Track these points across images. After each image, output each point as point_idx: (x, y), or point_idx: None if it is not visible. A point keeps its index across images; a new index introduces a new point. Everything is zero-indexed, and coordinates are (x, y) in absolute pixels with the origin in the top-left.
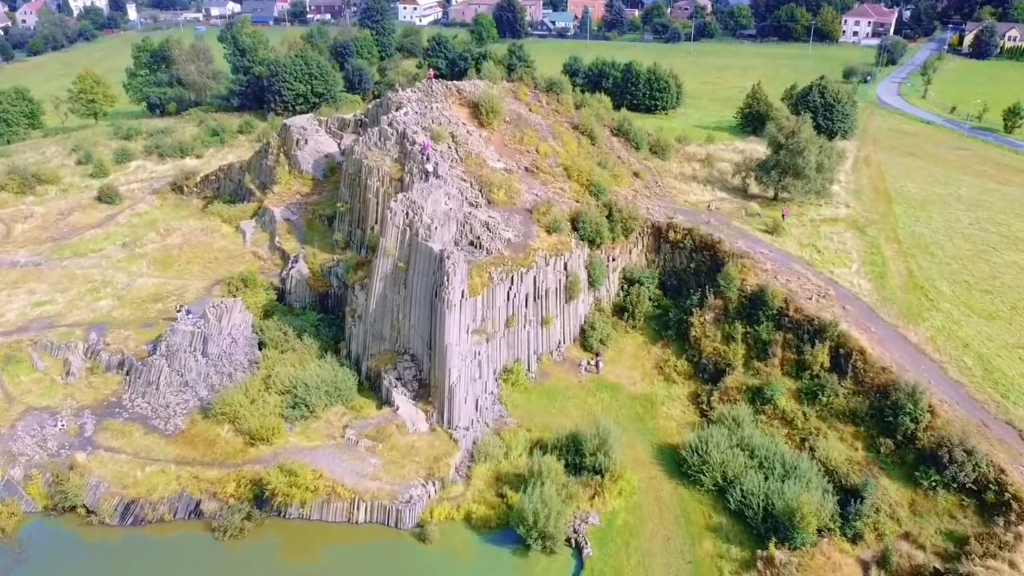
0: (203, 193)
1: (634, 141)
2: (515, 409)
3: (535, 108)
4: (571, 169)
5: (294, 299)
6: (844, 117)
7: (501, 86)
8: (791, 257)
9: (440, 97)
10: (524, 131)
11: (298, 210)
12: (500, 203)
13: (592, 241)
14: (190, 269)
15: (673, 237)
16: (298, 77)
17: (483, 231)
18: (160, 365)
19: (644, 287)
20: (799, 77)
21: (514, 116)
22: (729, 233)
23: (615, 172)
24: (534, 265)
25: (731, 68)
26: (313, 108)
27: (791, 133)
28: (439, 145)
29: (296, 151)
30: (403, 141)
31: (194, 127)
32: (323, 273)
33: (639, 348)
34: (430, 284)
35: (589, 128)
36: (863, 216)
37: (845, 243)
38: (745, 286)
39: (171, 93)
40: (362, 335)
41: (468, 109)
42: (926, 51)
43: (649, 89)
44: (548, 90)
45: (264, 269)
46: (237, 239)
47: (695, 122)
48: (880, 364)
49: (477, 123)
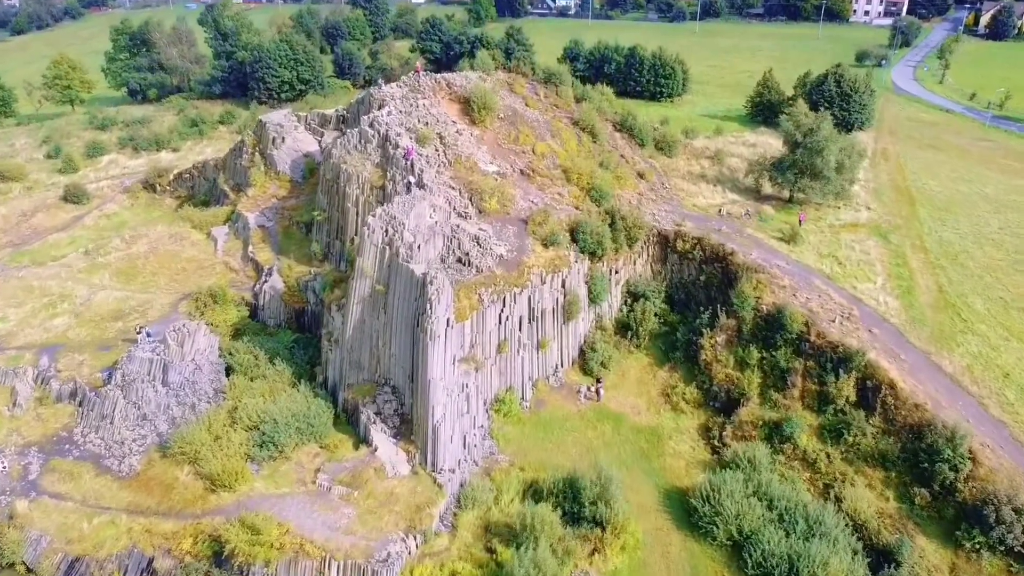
0: (176, 192)
1: (638, 137)
2: (507, 444)
3: (532, 102)
4: (570, 171)
5: (268, 316)
6: (861, 108)
7: (496, 78)
8: (810, 270)
9: (428, 92)
10: (520, 129)
11: (274, 216)
12: (492, 212)
13: (593, 253)
14: (156, 281)
15: (681, 247)
16: (283, 63)
17: (472, 246)
18: (115, 396)
19: (649, 302)
20: (809, 59)
21: (509, 112)
22: (742, 242)
23: (618, 173)
24: (529, 284)
25: (739, 50)
26: (299, 96)
27: (809, 131)
28: (425, 148)
29: (272, 150)
30: (385, 144)
31: (174, 116)
32: (299, 288)
33: (644, 371)
34: (412, 310)
35: (590, 124)
36: (885, 220)
37: (868, 253)
38: (761, 305)
39: (152, 79)
40: (339, 362)
41: (459, 105)
42: (940, 32)
43: (654, 75)
44: (546, 81)
45: (236, 282)
46: (208, 247)
47: (702, 110)
48: (913, 400)
49: (468, 120)
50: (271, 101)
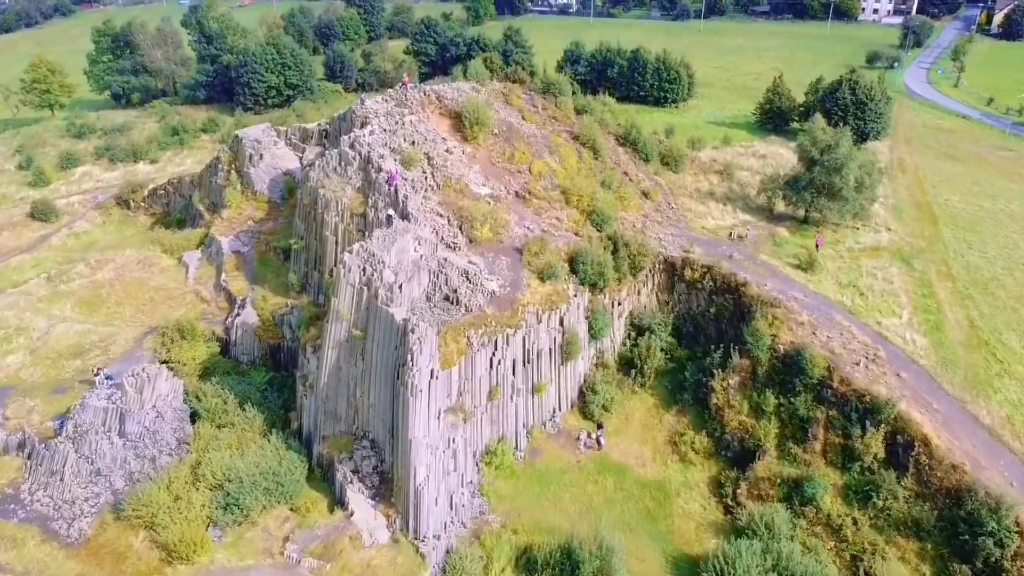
0: (151, 209)
1: (643, 152)
2: (499, 502)
3: (529, 115)
4: (570, 192)
5: (241, 352)
6: (877, 117)
7: (490, 88)
8: (830, 303)
9: (416, 107)
10: (515, 145)
11: (250, 240)
12: (484, 241)
13: (594, 285)
14: (120, 313)
15: (690, 276)
16: (269, 67)
17: (461, 282)
18: (66, 450)
19: (655, 336)
20: (818, 60)
21: (504, 127)
22: (755, 270)
23: (621, 193)
24: (523, 324)
25: (745, 50)
26: (287, 101)
27: (827, 147)
28: (411, 171)
29: (249, 168)
30: (367, 167)
31: (155, 123)
32: (275, 322)
33: (649, 414)
34: (392, 358)
35: (591, 139)
36: (908, 243)
37: (891, 281)
38: (777, 345)
39: (135, 82)
40: (314, 409)
41: (450, 120)
42: (951, 31)
43: (658, 80)
44: (545, 91)
45: (207, 314)
46: (179, 274)
47: (708, 117)
48: (949, 459)
49: (460, 137)
50: (257, 107)
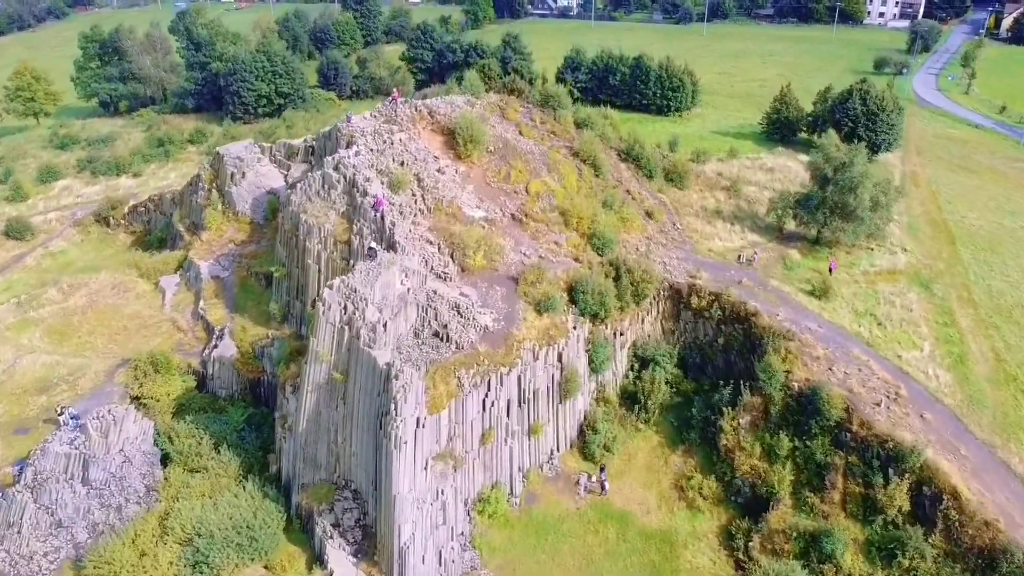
0: (131, 228)
1: (646, 168)
2: (492, 555)
3: (527, 130)
4: (569, 213)
5: (218, 386)
6: (889, 128)
7: (486, 101)
8: (847, 335)
9: (406, 124)
10: (512, 163)
11: (230, 264)
12: (477, 269)
13: (595, 315)
14: (92, 343)
15: (697, 304)
16: (259, 76)
17: (452, 317)
18: (24, 500)
19: (660, 368)
20: (824, 65)
21: (500, 143)
22: (766, 298)
23: (623, 214)
24: (518, 362)
25: (749, 55)
26: (278, 111)
27: (841, 165)
28: (399, 195)
29: (231, 187)
30: (352, 191)
31: (142, 133)
32: (254, 354)
33: (654, 455)
34: (375, 404)
35: (592, 155)
36: (925, 265)
37: (910, 308)
38: (792, 382)
39: (123, 90)
40: (293, 453)
41: (442, 137)
42: (959, 35)
43: (660, 88)
44: (543, 104)
45: (183, 344)
46: (155, 300)
47: (713, 126)
48: (981, 515)
49: (453, 155)
50: (247, 116)
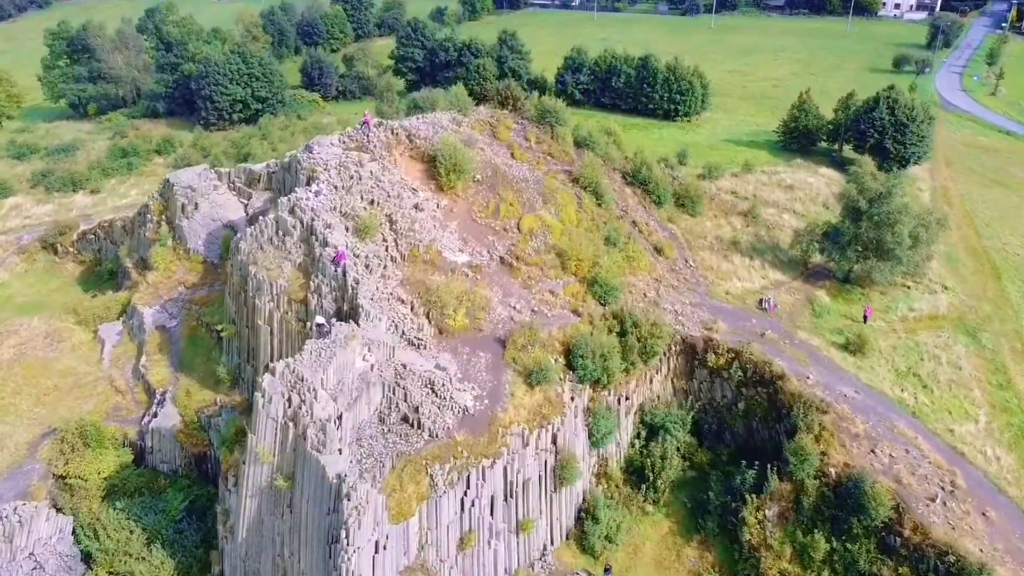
0: (80, 256)
1: (654, 194)
2: None
3: (519, 152)
4: (567, 255)
5: (158, 460)
6: (919, 140)
7: (474, 118)
8: (889, 402)
9: (380, 150)
10: (502, 194)
11: (179, 312)
12: (458, 331)
13: (597, 381)
14: (16, 406)
15: (714, 362)
16: (234, 79)
17: (425, 397)
18: None
19: (671, 437)
20: (840, 63)
21: (489, 170)
22: (793, 354)
23: (629, 251)
24: (504, 450)
25: (760, 50)
26: (255, 116)
27: (877, 197)
28: (368, 243)
29: (182, 220)
30: (311, 239)
31: (107, 140)
32: (200, 424)
33: (664, 546)
34: (326, 521)
35: (593, 181)
36: (970, 308)
37: (958, 366)
38: (828, 467)
39: (92, 91)
40: (234, 560)
41: (422, 165)
42: (979, 28)
43: (668, 91)
44: (540, 120)
45: (121, 409)
46: (93, 353)
47: (724, 133)
48: None
49: (435, 186)
50: (221, 123)
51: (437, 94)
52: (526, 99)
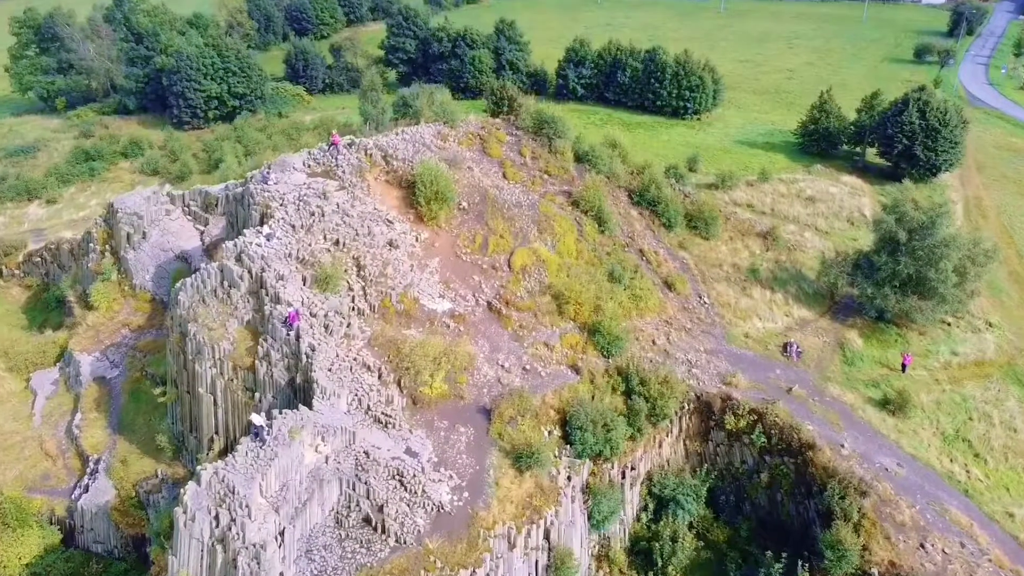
0: (26, 280)
1: (664, 216)
2: None
3: (513, 171)
4: (565, 297)
5: (91, 540)
6: (952, 146)
7: (464, 131)
8: (936, 478)
9: (350, 176)
10: (491, 224)
11: (121, 360)
12: (435, 400)
13: (599, 454)
14: None
15: (732, 424)
16: (208, 74)
17: (391, 493)
18: None
19: (683, 511)
20: (858, 52)
21: (477, 196)
22: (824, 415)
23: (636, 288)
24: (487, 557)
25: (773, 38)
26: (233, 113)
27: (919, 228)
28: (329, 297)
29: (128, 252)
30: (261, 292)
31: (73, 140)
32: (138, 500)
33: None
34: None
35: (595, 205)
36: (1019, 349)
37: (1014, 427)
38: (869, 564)
39: (61, 83)
40: None
41: (400, 191)
42: (1002, 15)
43: (677, 87)
44: (536, 131)
45: (51, 477)
46: (23, 406)
47: (737, 133)
48: None
49: (414, 216)
50: (196, 121)
51: (421, 107)
52: (521, 104)
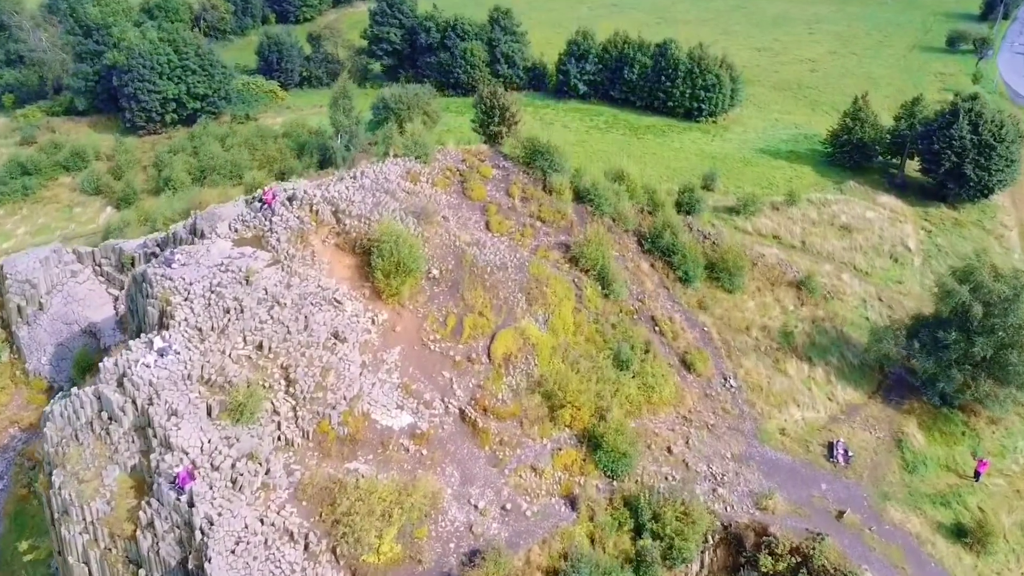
0: None
1: (680, 268)
2: None
3: (498, 220)
4: (558, 398)
5: None
6: (1008, 165)
7: (439, 165)
8: None
9: (286, 245)
10: (469, 297)
11: (6, 468)
12: (383, 569)
13: None
14: None
15: (770, 567)
16: (164, 73)
17: None
18: None
19: None
20: (884, 39)
21: (452, 258)
22: (885, 551)
23: (647, 375)
24: None
25: (791, 20)
26: (194, 116)
27: (1000, 301)
28: (245, 431)
29: (20, 327)
30: (147, 431)
31: (11, 148)
32: None
33: None
34: None
35: (598, 262)
36: None
37: None
38: None
39: (9, 77)
40: None
41: (352, 259)
42: None
43: (691, 86)
44: (528, 162)
45: None
46: None
47: (757, 138)
48: None
49: (370, 289)
50: (151, 125)
51: (388, 133)
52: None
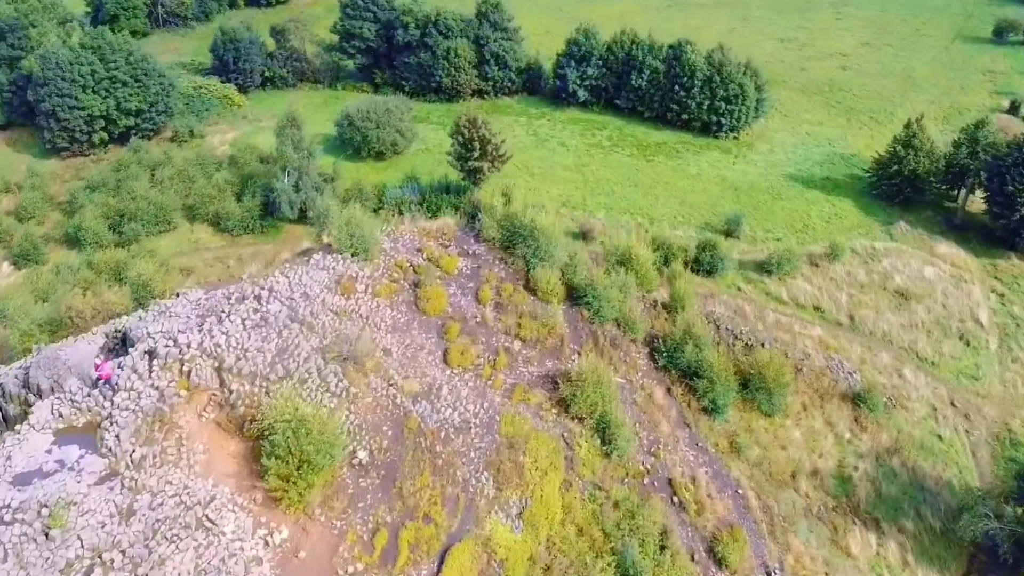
0: None
1: (708, 396)
2: None
3: (459, 347)
4: None
5: None
6: None
7: (385, 263)
8: None
9: (131, 438)
10: (408, 488)
11: None
12: None
13: None
14: None
15: None
16: (88, 85)
17: None
18: None
19: None
20: (922, 27)
21: (389, 427)
22: None
23: None
24: None
25: (817, 6)
26: (128, 134)
27: None
28: None
29: None
30: None
31: None
32: None
33: None
34: None
35: (596, 411)
36: None
37: None
38: None
39: None
40: None
41: (241, 444)
42: None
43: (709, 96)
44: (507, 246)
45: None
46: None
47: (787, 162)
48: None
49: (263, 495)
50: (76, 146)
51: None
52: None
